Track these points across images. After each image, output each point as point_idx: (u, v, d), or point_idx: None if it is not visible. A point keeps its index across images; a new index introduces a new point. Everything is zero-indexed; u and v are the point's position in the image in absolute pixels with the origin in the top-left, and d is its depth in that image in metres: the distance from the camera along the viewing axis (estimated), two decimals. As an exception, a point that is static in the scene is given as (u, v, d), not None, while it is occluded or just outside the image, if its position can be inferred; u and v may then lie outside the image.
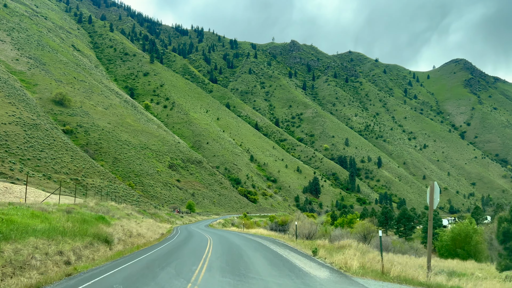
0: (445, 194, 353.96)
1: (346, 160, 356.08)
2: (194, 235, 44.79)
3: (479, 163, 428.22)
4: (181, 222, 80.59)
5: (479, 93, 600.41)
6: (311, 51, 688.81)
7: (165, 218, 70.16)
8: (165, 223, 62.88)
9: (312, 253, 27.78)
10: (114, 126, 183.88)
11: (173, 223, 70.47)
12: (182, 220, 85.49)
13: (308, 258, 25.79)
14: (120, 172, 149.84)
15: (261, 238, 44.44)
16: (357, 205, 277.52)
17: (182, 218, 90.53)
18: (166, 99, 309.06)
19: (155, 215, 65.00)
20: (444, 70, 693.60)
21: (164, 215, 74.04)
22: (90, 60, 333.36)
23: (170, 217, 78.17)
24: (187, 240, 36.62)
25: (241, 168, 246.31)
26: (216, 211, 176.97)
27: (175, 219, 78.97)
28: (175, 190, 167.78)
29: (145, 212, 62.91)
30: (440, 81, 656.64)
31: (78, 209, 30.36)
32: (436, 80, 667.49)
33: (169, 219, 72.21)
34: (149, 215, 60.35)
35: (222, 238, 40.02)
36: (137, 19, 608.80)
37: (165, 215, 77.97)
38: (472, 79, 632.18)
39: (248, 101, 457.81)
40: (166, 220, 67.70)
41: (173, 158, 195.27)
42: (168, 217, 75.11)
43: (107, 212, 35.60)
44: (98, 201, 47.77)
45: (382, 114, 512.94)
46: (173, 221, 73.75)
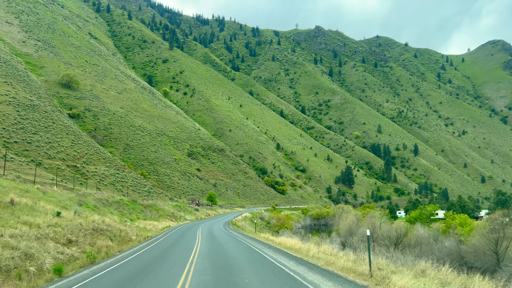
0: (490, 183, 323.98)
1: (380, 148, 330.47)
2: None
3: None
4: (193, 217, 61.88)
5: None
6: (337, 36, 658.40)
7: (168, 212, 51.19)
8: (163, 219, 44.15)
9: None
10: (127, 111, 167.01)
11: (178, 219, 51.74)
12: (195, 215, 66.76)
13: None
14: (132, 160, 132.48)
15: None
16: (395, 196, 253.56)
17: (197, 212, 71.83)
18: (186, 86, 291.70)
19: (151, 208, 46.07)
20: (480, 53, 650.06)
21: (168, 208, 55.14)
22: (108, 48, 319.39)
23: (178, 210, 59.34)
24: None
25: (267, 157, 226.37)
26: (241, 203, 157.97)
27: (185, 214, 60.11)
28: (195, 180, 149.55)
29: (133, 203, 43.87)
30: (476, 64, 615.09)
31: None
32: (472, 63, 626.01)
33: (174, 213, 53.34)
34: (137, 210, 41.20)
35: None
36: (157, 10, 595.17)
37: (171, 207, 59.11)
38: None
39: (272, 89, 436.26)
40: (167, 215, 49.04)
41: (192, 146, 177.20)
42: (174, 211, 56.25)
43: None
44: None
45: (415, 100, 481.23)
46: (180, 216, 54.88)
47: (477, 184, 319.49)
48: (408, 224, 60.40)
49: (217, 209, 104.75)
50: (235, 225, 53.82)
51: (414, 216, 68.77)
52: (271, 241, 30.18)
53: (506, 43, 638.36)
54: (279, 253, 22.84)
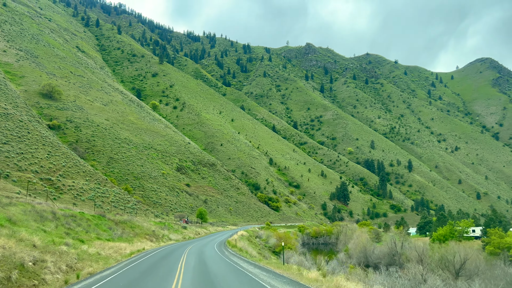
0: (485, 200, 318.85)
1: (374, 163, 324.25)
2: None
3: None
4: (179, 236, 52.52)
5: (510, 93, 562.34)
6: (328, 53, 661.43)
7: (147, 230, 41.84)
8: (138, 240, 35.18)
9: None
10: (112, 123, 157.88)
11: (160, 239, 42.44)
12: (183, 234, 57.64)
13: None
14: (116, 174, 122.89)
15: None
16: (392, 213, 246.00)
17: (184, 230, 62.77)
18: (176, 99, 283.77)
19: (125, 225, 37.06)
20: (469, 70, 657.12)
21: (148, 225, 45.54)
22: (96, 61, 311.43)
23: (162, 228, 50.23)
24: None
25: (260, 172, 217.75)
26: (233, 220, 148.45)
27: (170, 232, 50.83)
28: (184, 196, 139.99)
29: (99, 218, 34.83)
30: (466, 81, 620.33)
31: None
32: (461, 81, 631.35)
33: (155, 231, 44.00)
34: (102, 227, 32.13)
35: None
36: (148, 26, 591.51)
37: (153, 224, 49.79)
38: (501, 78, 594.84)
39: (263, 104, 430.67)
40: (145, 234, 39.76)
41: (182, 160, 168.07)
42: (156, 228, 46.97)
43: None
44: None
45: (407, 116, 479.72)
46: (163, 235, 45.59)
47: (472, 200, 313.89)
48: (438, 244, 52.00)
49: (208, 227, 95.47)
50: (235, 246, 45.46)
51: (443, 233, 60.39)
52: (306, 279, 20.77)
53: (494, 60, 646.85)
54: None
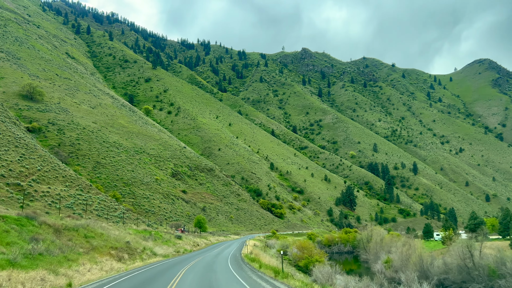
0: (495, 202, 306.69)
1: (378, 167, 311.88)
2: None
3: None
4: (170, 250, 38.78)
5: (510, 93, 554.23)
6: (324, 58, 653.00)
7: (115, 241, 26.83)
8: (89, 260, 21.40)
9: None
10: (101, 126, 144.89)
11: (136, 256, 28.26)
12: (176, 246, 44.50)
13: None
14: (103, 180, 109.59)
15: None
16: (401, 218, 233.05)
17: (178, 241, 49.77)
18: (170, 104, 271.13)
19: (74, 233, 23.84)
20: (468, 72, 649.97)
21: (121, 234, 30.98)
22: (86, 67, 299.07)
23: (144, 239, 36.90)
24: None
25: (261, 177, 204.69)
26: (235, 229, 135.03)
27: (156, 245, 36.69)
28: (180, 203, 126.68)
29: (23, 223, 21.60)
30: (465, 83, 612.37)
31: None
32: (460, 82, 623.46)
33: (130, 244, 29.65)
34: (23, 238, 18.98)
35: None
36: (141, 34, 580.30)
37: (132, 233, 36.27)
38: (500, 78, 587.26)
39: (261, 109, 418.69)
40: (111, 248, 25.55)
41: (177, 165, 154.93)
42: (133, 239, 33.09)
43: None
44: None
45: (408, 118, 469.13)
46: (144, 249, 31.05)
47: (481, 203, 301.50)
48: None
49: (208, 237, 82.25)
50: (268, 268, 30.79)
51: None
52: None
53: (493, 61, 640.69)
54: None
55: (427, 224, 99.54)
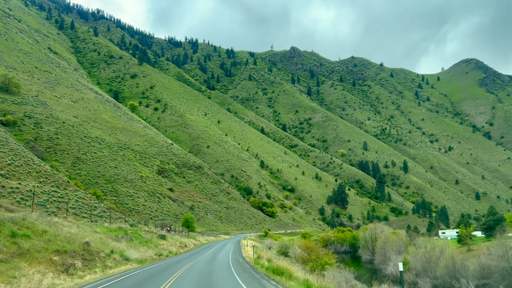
0: (485, 200, 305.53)
1: (368, 165, 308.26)
2: None
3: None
4: (150, 253, 31.06)
5: (496, 92, 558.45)
6: (313, 57, 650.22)
7: (68, 241, 19.61)
8: (20, 265, 14.75)
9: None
10: (82, 121, 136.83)
11: (97, 262, 19.96)
12: (158, 247, 37.67)
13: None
14: (83, 176, 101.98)
15: None
16: (392, 216, 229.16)
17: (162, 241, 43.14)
18: (157, 101, 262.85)
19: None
20: (455, 71, 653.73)
21: (80, 233, 23.28)
22: (69, 63, 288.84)
23: (116, 239, 29.92)
24: None
25: (251, 175, 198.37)
26: (225, 229, 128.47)
27: (130, 247, 29.02)
28: (167, 202, 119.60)
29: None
30: (452, 82, 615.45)
31: None
32: (448, 82, 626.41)
33: (90, 244, 21.89)
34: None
35: None
36: (127, 32, 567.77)
37: (98, 231, 29.13)
38: (487, 78, 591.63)
39: (250, 108, 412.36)
40: (63, 250, 18.23)
41: (164, 162, 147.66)
42: (102, 238, 25.86)
43: None
44: None
45: (397, 117, 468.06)
46: (113, 252, 23.79)
47: (472, 201, 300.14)
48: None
49: (196, 237, 75.63)
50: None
51: None
52: None
53: (479, 61, 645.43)
54: None
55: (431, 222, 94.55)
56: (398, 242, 52.90)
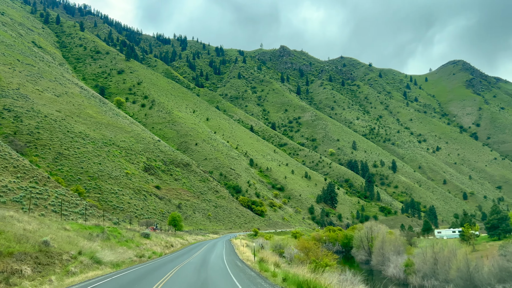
0: (472, 200, 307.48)
1: (357, 164, 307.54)
2: None
3: (500, 165, 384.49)
4: (129, 254, 26.55)
5: (483, 94, 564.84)
6: (302, 56, 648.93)
7: (18, 242, 16.48)
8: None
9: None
10: (65, 115, 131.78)
11: (54, 268, 16.31)
12: (139, 247, 33.91)
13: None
14: (65, 172, 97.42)
15: None
16: (382, 216, 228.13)
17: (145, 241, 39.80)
18: (144, 97, 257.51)
19: None
20: (442, 72, 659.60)
21: (39, 230, 19.75)
22: (54, 57, 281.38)
23: (89, 238, 25.76)
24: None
25: (240, 173, 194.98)
26: (213, 228, 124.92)
27: (106, 246, 24.57)
28: (153, 199, 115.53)
29: None
30: (440, 83, 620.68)
31: None
32: (435, 83, 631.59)
33: (49, 243, 17.97)
34: None
35: None
36: (115, 28, 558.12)
37: (68, 228, 25.13)
38: (474, 79, 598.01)
39: (239, 106, 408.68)
40: (15, 255, 15.10)
41: (150, 159, 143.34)
42: (72, 236, 22.04)
43: None
44: None
45: (386, 117, 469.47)
46: (82, 254, 19.37)
47: (459, 201, 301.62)
48: None
49: (184, 236, 72.04)
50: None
51: None
52: None
53: (466, 63, 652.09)
54: None
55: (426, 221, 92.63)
56: (397, 242, 50.31)
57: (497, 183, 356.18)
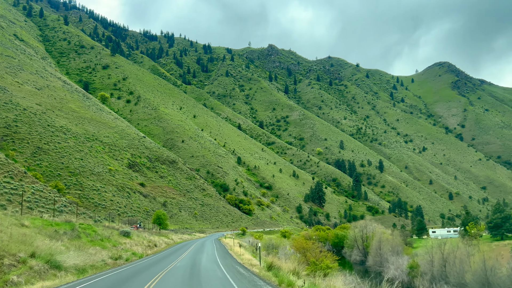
0: (458, 200, 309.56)
1: (345, 164, 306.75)
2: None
3: (484, 166, 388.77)
4: (102, 256, 21.64)
5: (468, 95, 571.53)
6: (290, 55, 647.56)
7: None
8: None
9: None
10: (46, 109, 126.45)
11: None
12: (116, 248, 29.74)
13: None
14: (44, 168, 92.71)
15: None
16: (369, 215, 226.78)
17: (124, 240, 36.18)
18: (129, 93, 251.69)
19: None
20: (429, 74, 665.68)
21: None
22: (37, 51, 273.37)
23: (54, 236, 22.10)
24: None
25: (228, 171, 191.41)
26: (200, 227, 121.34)
27: (71, 248, 20.26)
28: (137, 197, 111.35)
29: None
30: (426, 84, 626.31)
31: None
32: (422, 84, 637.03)
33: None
34: None
35: None
36: (101, 23, 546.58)
37: (32, 227, 21.74)
38: (459, 81, 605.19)
39: (226, 104, 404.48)
40: None
41: (135, 155, 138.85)
42: (27, 233, 18.85)
43: None
44: None
45: (373, 117, 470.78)
46: (36, 256, 15.61)
47: (445, 201, 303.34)
48: None
49: (169, 235, 68.39)
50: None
51: None
52: None
53: (452, 64, 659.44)
54: None
55: (420, 220, 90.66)
56: (394, 242, 47.80)
57: (482, 183, 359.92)
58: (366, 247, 53.70)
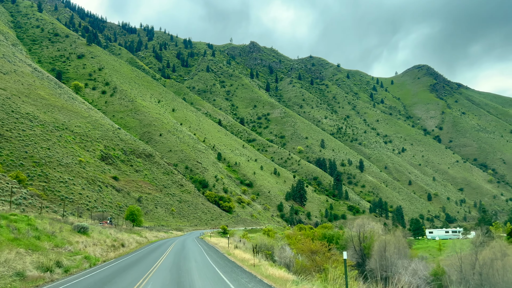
0: (436, 201, 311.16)
1: (325, 163, 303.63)
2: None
3: (462, 168, 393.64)
4: (42, 259, 14.66)
5: (446, 98, 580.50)
6: (272, 53, 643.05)
7: None
8: None
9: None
10: (12, 94, 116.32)
11: None
12: (56, 251, 21.03)
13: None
14: (5, 156, 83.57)
15: None
16: (350, 215, 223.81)
17: (79, 237, 28.67)
18: (105, 84, 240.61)
19: None
20: (408, 76, 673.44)
21: None
22: (6, 37, 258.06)
23: None
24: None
25: (207, 167, 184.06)
26: (177, 224, 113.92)
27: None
28: (109, 191, 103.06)
29: None
30: (405, 86, 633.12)
31: None
32: (401, 86, 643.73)
33: None
34: None
35: None
36: (77, 13, 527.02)
37: None
38: (437, 84, 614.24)
39: (207, 99, 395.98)
40: None
41: (108, 147, 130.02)
42: None
43: None
44: None
45: (353, 117, 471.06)
46: None
47: (424, 201, 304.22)
48: None
49: (142, 232, 61.12)
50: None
51: None
52: None
53: (430, 68, 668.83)
54: None
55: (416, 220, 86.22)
56: (399, 243, 42.58)
57: (459, 185, 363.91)
58: (364, 248, 48.18)
